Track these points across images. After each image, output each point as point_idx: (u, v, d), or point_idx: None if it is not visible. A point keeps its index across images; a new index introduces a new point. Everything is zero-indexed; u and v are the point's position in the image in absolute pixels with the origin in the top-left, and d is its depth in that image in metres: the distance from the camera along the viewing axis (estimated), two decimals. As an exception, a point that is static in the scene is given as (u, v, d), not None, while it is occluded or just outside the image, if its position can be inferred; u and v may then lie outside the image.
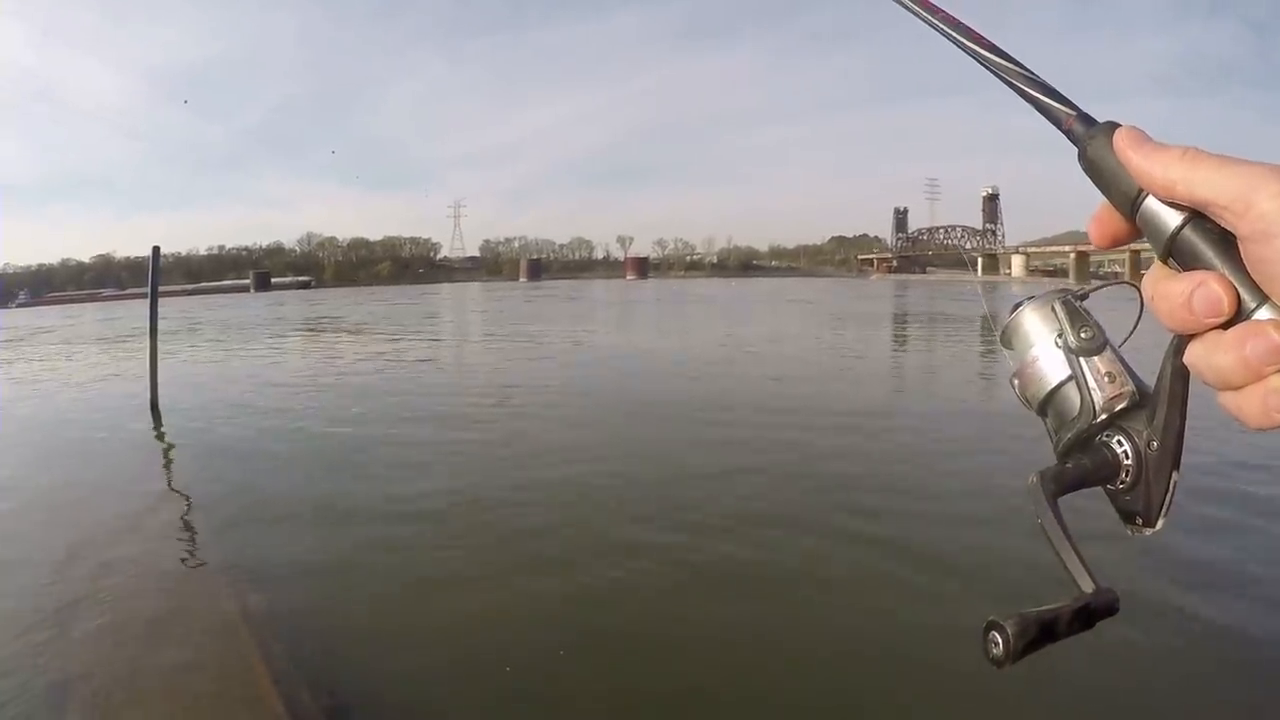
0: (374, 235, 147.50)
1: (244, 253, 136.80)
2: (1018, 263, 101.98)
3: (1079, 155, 0.46)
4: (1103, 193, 0.45)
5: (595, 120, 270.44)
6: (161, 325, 10.40)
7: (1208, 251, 0.41)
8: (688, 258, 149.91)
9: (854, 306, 35.10)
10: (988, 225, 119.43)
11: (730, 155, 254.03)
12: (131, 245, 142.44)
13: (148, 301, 10.44)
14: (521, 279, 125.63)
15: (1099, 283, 0.54)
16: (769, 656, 3.46)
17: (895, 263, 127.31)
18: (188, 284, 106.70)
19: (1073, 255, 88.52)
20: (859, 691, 3.19)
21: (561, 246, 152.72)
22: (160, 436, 8.51)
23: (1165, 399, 0.47)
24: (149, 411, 9.52)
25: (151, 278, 10.82)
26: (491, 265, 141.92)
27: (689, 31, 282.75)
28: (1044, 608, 0.43)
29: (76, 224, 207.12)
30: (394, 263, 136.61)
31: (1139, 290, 0.45)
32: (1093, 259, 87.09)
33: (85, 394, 12.04)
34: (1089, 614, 0.44)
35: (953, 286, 65.85)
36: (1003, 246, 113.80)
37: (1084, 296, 0.52)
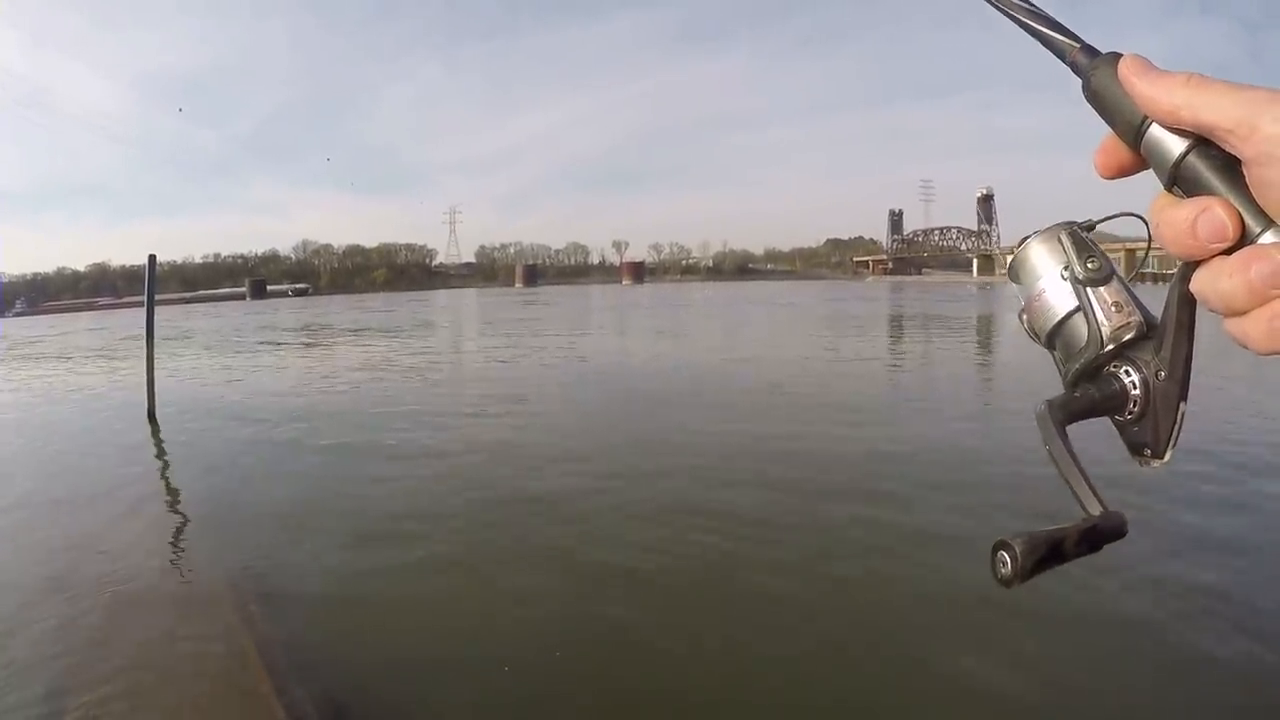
0: (369, 242, 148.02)
1: (239, 260, 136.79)
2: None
3: (1083, 86, 0.45)
4: (1107, 123, 0.45)
5: (590, 125, 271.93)
6: (162, 333, 10.38)
7: (1212, 178, 0.40)
8: (683, 262, 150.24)
9: (847, 309, 35.11)
10: (983, 226, 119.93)
11: (725, 159, 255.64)
12: (126, 253, 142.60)
13: (145, 309, 10.44)
14: (517, 285, 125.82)
15: (1105, 214, 0.54)
16: (769, 659, 3.48)
17: (891, 264, 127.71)
18: (183, 292, 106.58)
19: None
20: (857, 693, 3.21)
21: (557, 252, 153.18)
22: (158, 444, 8.50)
23: (1172, 328, 0.47)
24: (147, 421, 9.52)
25: (148, 286, 10.80)
26: (487, 271, 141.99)
27: (683, 35, 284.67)
28: (1052, 527, 0.43)
29: (70, 232, 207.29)
30: (390, 269, 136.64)
31: (1146, 222, 0.45)
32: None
33: (83, 402, 12.00)
34: (1097, 535, 0.44)
35: (947, 289, 66.03)
36: (998, 247, 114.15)
37: (1090, 228, 0.52)
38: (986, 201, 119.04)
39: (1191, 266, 0.42)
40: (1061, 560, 0.43)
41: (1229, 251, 0.40)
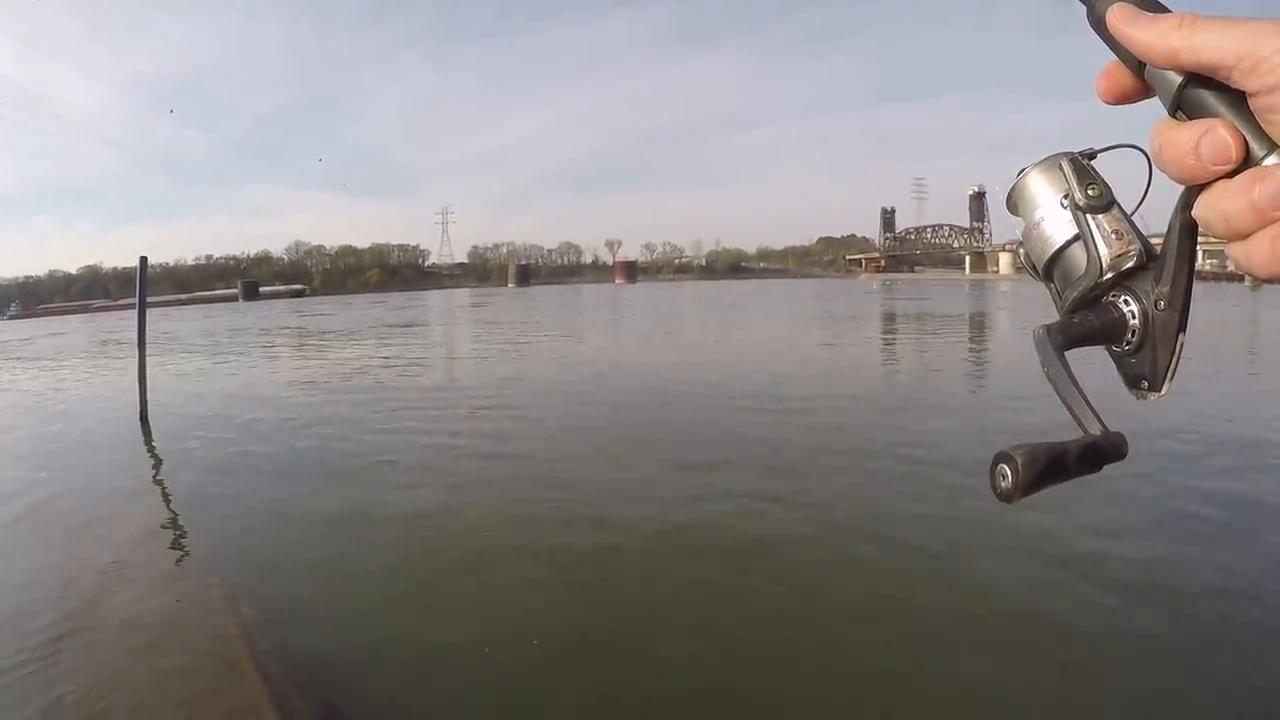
0: (362, 243, 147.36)
1: (231, 262, 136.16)
2: (1005, 260, 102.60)
3: (1087, 14, 0.45)
4: (1112, 51, 0.44)
5: (584, 124, 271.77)
6: (163, 336, 10.32)
7: (1217, 102, 0.40)
8: (676, 261, 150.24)
9: (834, 307, 35.21)
10: (975, 223, 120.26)
11: (718, 158, 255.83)
12: (118, 256, 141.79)
13: (137, 312, 10.39)
14: (510, 285, 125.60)
15: (1107, 144, 0.52)
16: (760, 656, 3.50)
17: (883, 262, 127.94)
18: (176, 294, 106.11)
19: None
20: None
21: (550, 251, 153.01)
22: (151, 448, 8.46)
23: (1173, 257, 0.46)
24: (139, 423, 9.46)
25: (139, 288, 10.77)
26: (480, 271, 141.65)
27: (678, 35, 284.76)
28: (1053, 441, 0.43)
29: (62, 235, 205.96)
30: (382, 270, 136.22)
31: (1146, 155, 0.44)
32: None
33: (75, 405, 11.93)
34: (1098, 453, 0.44)
35: (938, 285, 66.19)
36: (990, 244, 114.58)
37: (1092, 156, 0.51)
38: (978, 199, 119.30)
39: (1193, 193, 0.42)
40: (1063, 476, 0.43)
41: (1231, 176, 0.39)
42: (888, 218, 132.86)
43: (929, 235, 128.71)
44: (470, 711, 3.12)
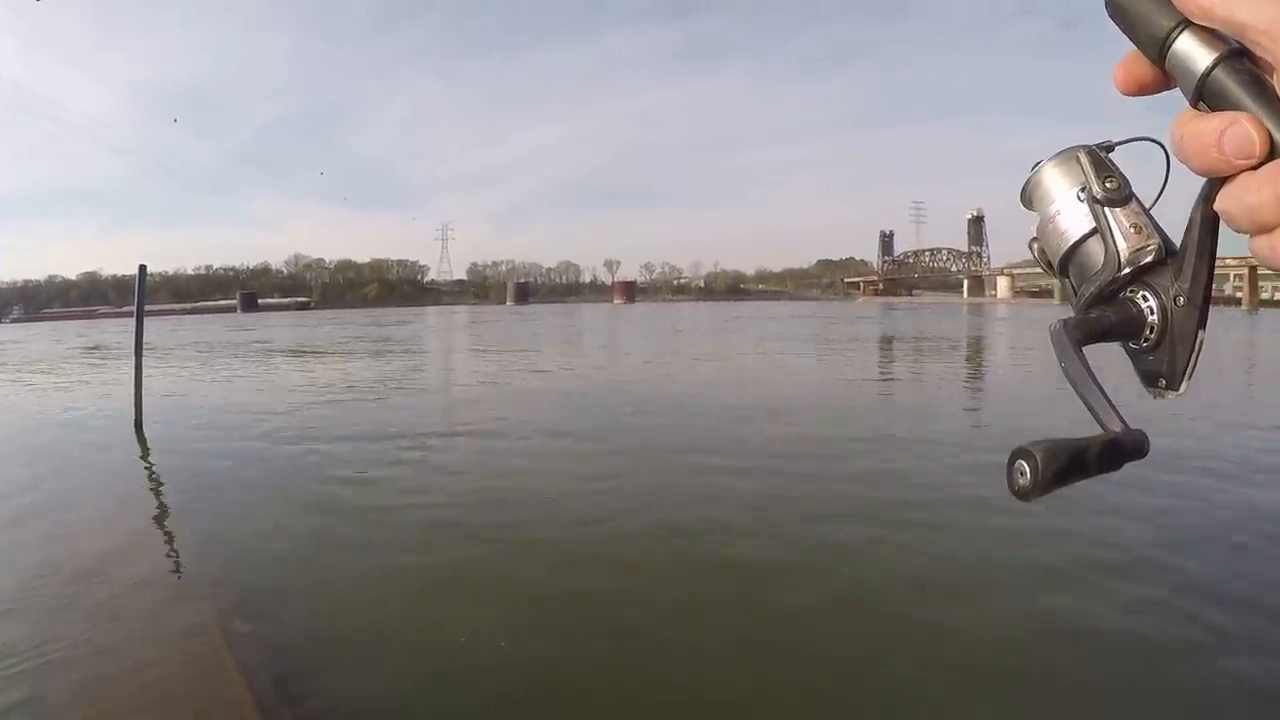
0: (361, 257, 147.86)
1: (231, 273, 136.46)
2: (1003, 284, 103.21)
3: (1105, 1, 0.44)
4: (1130, 38, 0.44)
5: (585, 142, 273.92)
6: (166, 343, 10.28)
7: (1241, 92, 0.39)
8: (675, 281, 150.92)
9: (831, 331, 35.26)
10: (973, 247, 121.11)
11: (718, 179, 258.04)
12: (117, 263, 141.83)
13: (135, 320, 10.36)
14: (509, 302, 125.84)
15: (1125, 137, 0.51)
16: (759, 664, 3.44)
17: (881, 285, 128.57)
18: (173, 303, 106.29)
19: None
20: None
21: (549, 270, 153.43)
22: (145, 457, 8.38)
23: (1193, 252, 0.45)
24: (134, 432, 9.40)
25: (138, 297, 10.74)
26: (479, 288, 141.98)
27: (679, 55, 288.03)
28: (1073, 437, 0.42)
29: (62, 241, 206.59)
30: (381, 285, 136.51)
31: (1164, 148, 0.44)
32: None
33: (71, 411, 11.85)
34: (1119, 450, 0.43)
35: (938, 309, 66.43)
36: (988, 268, 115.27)
37: (1109, 149, 0.50)
38: (977, 223, 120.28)
39: (1215, 186, 0.41)
40: (1083, 474, 0.41)
41: (1256, 168, 0.38)
42: (886, 241, 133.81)
43: (927, 258, 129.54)
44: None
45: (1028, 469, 0.40)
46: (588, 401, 12.16)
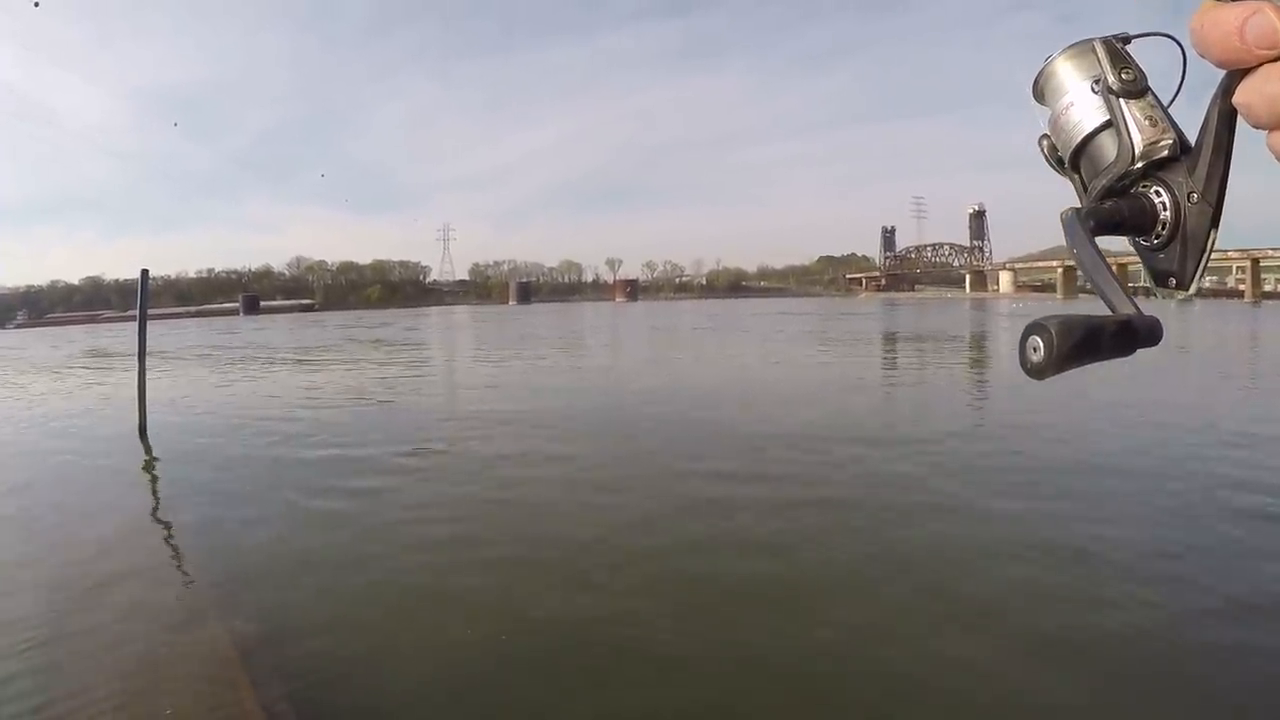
0: (363, 259, 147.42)
1: (233, 276, 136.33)
2: (1005, 279, 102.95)
3: None
4: None
5: (585, 141, 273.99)
6: (177, 347, 10.30)
7: None
8: (676, 279, 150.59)
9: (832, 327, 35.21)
10: (975, 242, 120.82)
11: (719, 176, 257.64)
12: (119, 267, 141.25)
13: (137, 324, 10.38)
14: (511, 302, 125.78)
15: (1141, 30, 0.49)
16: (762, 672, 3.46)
17: (883, 281, 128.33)
18: (176, 307, 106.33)
19: (1060, 270, 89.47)
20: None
21: (551, 269, 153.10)
22: (149, 463, 8.42)
23: (1209, 146, 0.44)
24: (138, 437, 9.44)
25: (140, 301, 10.74)
26: (480, 288, 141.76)
27: (678, 53, 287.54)
28: (1088, 315, 0.40)
29: (63, 245, 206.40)
30: (383, 286, 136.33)
31: (1181, 46, 0.43)
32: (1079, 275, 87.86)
33: (74, 416, 11.89)
34: (1132, 333, 0.41)
35: (938, 304, 66.24)
36: (990, 263, 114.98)
37: (1126, 40, 0.49)
38: (978, 218, 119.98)
39: (1235, 78, 0.40)
40: (1096, 354, 0.40)
41: (1278, 60, 0.37)
42: (888, 237, 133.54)
43: (929, 254, 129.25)
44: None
45: (1041, 344, 0.39)
46: (588, 402, 12.21)
